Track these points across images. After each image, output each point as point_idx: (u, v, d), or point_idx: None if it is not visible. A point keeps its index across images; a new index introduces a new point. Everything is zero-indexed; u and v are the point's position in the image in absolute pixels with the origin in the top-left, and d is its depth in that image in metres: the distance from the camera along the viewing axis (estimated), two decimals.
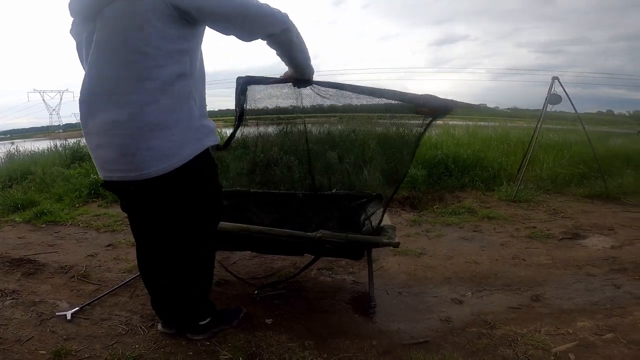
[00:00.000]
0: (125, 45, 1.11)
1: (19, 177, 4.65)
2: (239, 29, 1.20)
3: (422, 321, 1.66)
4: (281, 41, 1.28)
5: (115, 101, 1.14)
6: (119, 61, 1.13)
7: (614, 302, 1.77)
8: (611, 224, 2.89)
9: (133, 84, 1.12)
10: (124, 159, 1.17)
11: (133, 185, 1.20)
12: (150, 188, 1.22)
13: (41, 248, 2.62)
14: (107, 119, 1.15)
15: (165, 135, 1.16)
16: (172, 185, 1.22)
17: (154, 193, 1.25)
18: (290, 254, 2.02)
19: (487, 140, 5.06)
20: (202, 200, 1.35)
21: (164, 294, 1.50)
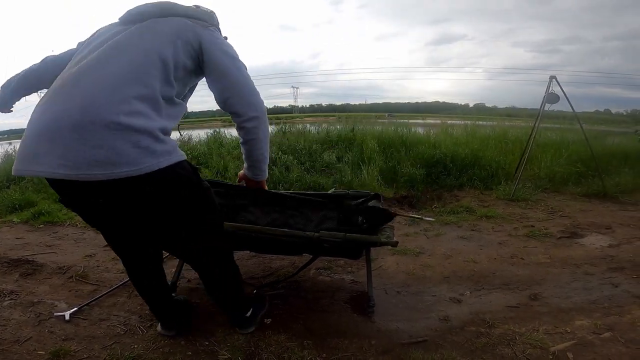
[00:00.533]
0: (152, 50, 1.16)
1: (17, 177, 4.63)
2: (228, 93, 1.28)
3: (420, 320, 1.66)
4: (251, 127, 1.32)
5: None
6: (139, 59, 1.15)
7: (612, 301, 1.78)
8: (609, 222, 2.90)
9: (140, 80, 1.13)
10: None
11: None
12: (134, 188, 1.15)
13: (39, 248, 2.61)
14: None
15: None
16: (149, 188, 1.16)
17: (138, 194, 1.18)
18: (289, 253, 2.02)
19: (485, 139, 5.06)
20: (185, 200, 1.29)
21: (161, 297, 1.50)
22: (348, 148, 4.87)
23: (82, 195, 1.15)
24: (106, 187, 1.08)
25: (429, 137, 5.22)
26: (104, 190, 1.10)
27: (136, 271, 1.45)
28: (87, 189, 1.09)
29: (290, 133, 5.93)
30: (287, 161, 4.37)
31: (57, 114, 1.07)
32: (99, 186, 1.07)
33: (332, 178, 4.01)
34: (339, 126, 6.23)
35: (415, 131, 5.66)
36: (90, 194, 1.12)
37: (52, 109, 1.09)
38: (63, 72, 1.20)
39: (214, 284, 1.48)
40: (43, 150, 1.06)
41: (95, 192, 1.11)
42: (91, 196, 1.14)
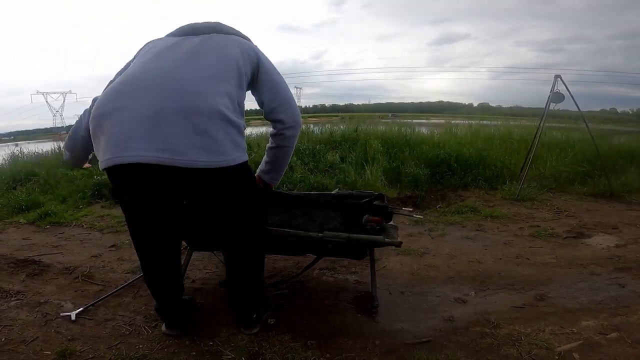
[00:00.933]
0: (229, 57, 1.31)
1: (23, 178, 4.67)
2: (277, 102, 1.41)
3: (425, 321, 1.65)
4: (290, 135, 1.45)
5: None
6: (212, 63, 1.27)
7: (619, 301, 1.76)
8: (615, 222, 2.88)
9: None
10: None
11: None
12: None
13: (45, 249, 2.64)
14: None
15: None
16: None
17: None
18: (292, 254, 2.02)
19: (489, 139, 5.04)
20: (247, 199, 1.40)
21: (173, 296, 1.51)
22: (351, 148, 4.87)
23: (158, 183, 1.20)
24: (193, 175, 1.16)
25: (432, 137, 5.21)
26: (189, 177, 1.17)
27: (157, 268, 1.44)
28: (171, 176, 1.15)
29: None
30: (291, 161, 4.37)
31: (159, 101, 1.15)
32: (186, 173, 1.14)
33: (336, 178, 4.01)
34: (343, 126, 6.22)
35: (419, 131, 5.65)
36: (171, 181, 1.19)
37: (149, 98, 1.16)
38: (134, 70, 1.29)
39: (246, 278, 1.50)
40: (141, 134, 1.13)
41: (178, 179, 1.18)
42: (170, 184, 1.20)
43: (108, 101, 1.23)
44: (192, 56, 1.28)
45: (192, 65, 1.24)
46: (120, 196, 1.32)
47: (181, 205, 1.34)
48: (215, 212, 1.37)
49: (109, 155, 1.16)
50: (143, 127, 1.14)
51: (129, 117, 1.16)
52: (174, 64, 1.25)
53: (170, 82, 1.19)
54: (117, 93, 1.23)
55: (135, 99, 1.18)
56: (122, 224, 3.11)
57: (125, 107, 1.18)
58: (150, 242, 1.40)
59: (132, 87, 1.23)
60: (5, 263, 2.37)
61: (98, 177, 4.12)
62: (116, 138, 1.16)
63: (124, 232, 2.94)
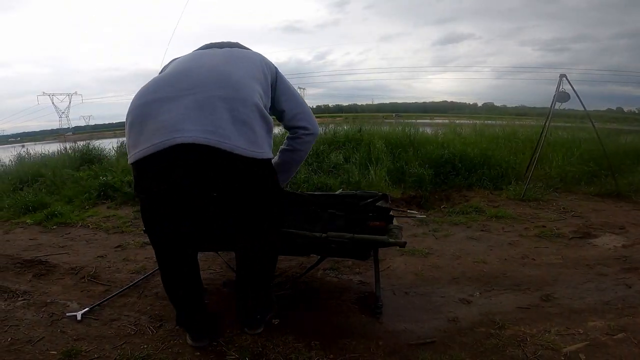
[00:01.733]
0: (257, 64, 1.43)
1: (30, 179, 4.72)
2: (297, 110, 1.51)
3: (429, 321, 1.65)
4: (308, 140, 1.54)
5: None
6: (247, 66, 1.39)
7: (626, 302, 1.74)
8: (622, 222, 2.85)
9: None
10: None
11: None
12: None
13: (52, 249, 2.66)
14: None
15: None
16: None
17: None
18: (296, 254, 2.02)
19: (494, 138, 5.01)
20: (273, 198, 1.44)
21: (196, 303, 1.48)
22: (355, 148, 4.86)
23: (204, 166, 1.22)
24: (233, 161, 1.21)
25: (437, 137, 5.19)
26: (229, 163, 1.22)
27: (183, 271, 1.43)
28: (216, 159, 1.20)
29: None
30: None
31: (205, 90, 1.24)
32: (228, 159, 1.20)
33: (340, 179, 4.01)
34: (346, 126, 6.22)
35: (423, 131, 5.63)
36: (214, 165, 1.22)
37: (197, 87, 1.24)
38: (175, 68, 1.37)
39: (258, 278, 1.51)
40: (192, 119, 1.19)
41: (220, 164, 1.22)
42: (212, 169, 1.23)
43: (153, 91, 1.29)
44: (227, 58, 1.40)
45: (231, 64, 1.36)
46: (159, 183, 1.27)
47: (211, 198, 1.32)
48: (241, 207, 1.37)
49: (161, 138, 1.18)
50: (193, 113, 1.20)
51: (178, 104, 1.22)
52: (214, 63, 1.36)
53: (214, 75, 1.29)
54: (161, 85, 1.31)
55: (182, 89, 1.25)
56: (127, 225, 3.14)
57: (174, 96, 1.24)
58: (176, 242, 1.38)
59: (176, 79, 1.31)
60: (12, 263, 2.40)
61: (103, 178, 4.15)
62: (168, 122, 1.19)
63: (129, 233, 2.96)
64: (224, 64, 1.35)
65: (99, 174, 4.41)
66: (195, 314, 1.48)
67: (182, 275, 1.44)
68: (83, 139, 9.15)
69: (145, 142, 1.20)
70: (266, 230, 1.44)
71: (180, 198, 1.29)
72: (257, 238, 1.44)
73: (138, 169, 1.26)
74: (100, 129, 53.15)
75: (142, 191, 1.32)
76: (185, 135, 1.17)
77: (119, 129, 38.29)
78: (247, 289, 1.53)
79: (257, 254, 1.47)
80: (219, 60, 1.38)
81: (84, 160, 5.36)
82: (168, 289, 1.47)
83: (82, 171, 4.72)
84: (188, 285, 1.45)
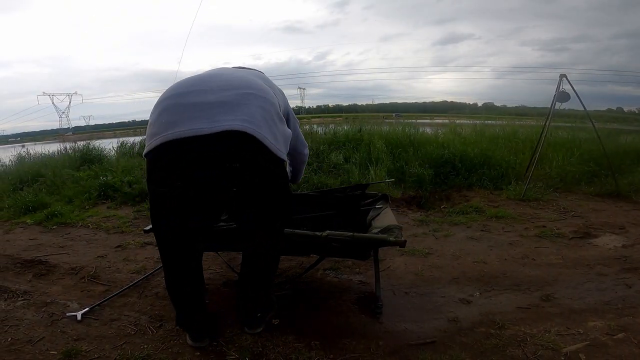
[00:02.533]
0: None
1: (30, 179, 4.72)
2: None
3: (429, 321, 1.65)
4: (300, 161, 1.81)
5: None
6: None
7: (626, 302, 1.74)
8: (622, 222, 2.85)
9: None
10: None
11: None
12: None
13: (52, 249, 2.66)
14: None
15: None
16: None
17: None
18: (296, 254, 2.02)
19: (494, 138, 5.00)
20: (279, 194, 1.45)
21: (197, 303, 1.48)
22: (355, 148, 4.86)
23: (238, 154, 1.25)
24: (259, 153, 1.26)
25: (437, 137, 5.18)
26: (257, 155, 1.26)
27: (182, 272, 1.43)
28: (248, 146, 1.23)
29: None
30: None
31: (231, 87, 1.31)
32: (257, 150, 1.25)
33: (340, 179, 4.01)
34: (346, 127, 6.22)
35: (423, 131, 5.63)
36: (244, 154, 1.25)
37: (221, 88, 1.31)
38: (191, 77, 1.42)
39: (261, 277, 1.52)
40: (224, 110, 1.25)
41: (251, 153, 1.26)
42: (240, 159, 1.25)
43: (187, 85, 1.36)
44: (241, 70, 1.51)
45: (249, 74, 1.46)
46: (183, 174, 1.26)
47: (230, 192, 1.32)
48: (260, 204, 1.38)
49: (201, 125, 1.20)
50: (228, 106, 1.26)
51: (214, 96, 1.28)
52: (230, 72, 1.46)
53: (237, 78, 1.39)
54: (192, 82, 1.37)
55: (214, 87, 1.32)
56: (127, 225, 3.14)
57: (208, 89, 1.31)
58: (174, 241, 1.38)
59: (206, 78, 1.38)
60: (12, 263, 2.40)
61: (103, 178, 4.15)
62: (207, 113, 1.23)
63: (129, 233, 2.96)
64: (241, 72, 1.47)
65: (99, 174, 4.41)
66: (195, 314, 1.48)
67: (186, 273, 1.43)
68: (83, 139, 9.16)
69: (182, 126, 1.21)
70: (278, 229, 1.48)
71: (196, 190, 1.29)
72: (270, 237, 1.46)
73: (165, 150, 1.24)
74: (100, 129, 53.12)
75: (160, 183, 1.30)
76: (224, 124, 1.21)
77: (119, 129, 38.04)
78: (248, 288, 1.53)
79: (266, 253, 1.49)
80: (234, 71, 1.49)
81: (84, 160, 5.36)
82: (170, 287, 1.47)
83: (82, 171, 4.72)
84: (190, 284, 1.45)
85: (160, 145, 1.22)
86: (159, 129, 1.25)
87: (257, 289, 1.53)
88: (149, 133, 1.29)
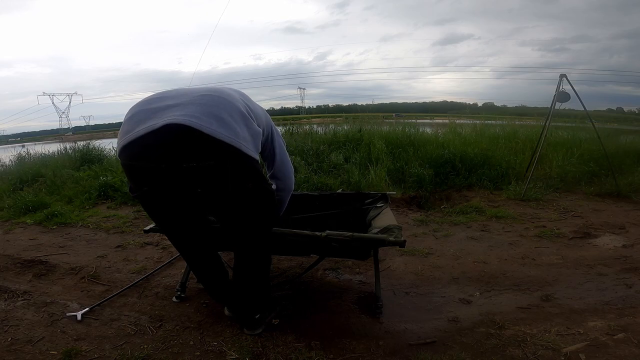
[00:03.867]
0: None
1: (30, 179, 4.72)
2: (273, 161, 1.64)
3: (429, 321, 1.65)
4: (284, 187, 1.72)
5: None
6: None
7: (626, 302, 1.74)
8: (622, 222, 2.85)
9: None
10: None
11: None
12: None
13: (52, 249, 2.66)
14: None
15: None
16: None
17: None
18: (296, 254, 2.02)
19: (494, 138, 5.00)
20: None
21: (223, 280, 1.62)
22: (355, 148, 4.86)
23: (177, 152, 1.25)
24: (211, 146, 1.25)
25: (437, 137, 5.18)
26: (207, 148, 1.25)
27: (201, 256, 1.58)
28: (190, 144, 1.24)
29: (297, 134, 5.94)
30: (295, 162, 4.38)
31: (198, 97, 1.34)
32: (207, 142, 1.24)
33: (340, 179, 4.01)
34: (346, 127, 6.22)
35: (424, 131, 5.63)
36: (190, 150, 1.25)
37: (186, 96, 1.35)
38: (161, 95, 1.43)
39: (252, 277, 1.55)
40: (178, 110, 1.27)
41: (195, 150, 1.25)
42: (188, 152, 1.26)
43: (147, 102, 1.38)
44: (214, 85, 1.52)
45: (220, 86, 1.47)
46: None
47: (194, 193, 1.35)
48: (223, 201, 1.39)
49: (150, 122, 1.25)
50: (179, 108, 1.27)
51: (168, 105, 1.31)
52: (203, 86, 1.47)
53: (201, 89, 1.40)
54: (155, 97, 1.41)
55: (173, 97, 1.36)
56: (127, 225, 3.14)
57: (165, 97, 1.37)
58: (185, 234, 1.51)
59: (169, 91, 1.43)
60: (12, 263, 2.40)
61: (103, 178, 4.15)
62: (160, 113, 1.28)
63: (129, 233, 2.96)
64: (215, 86, 1.47)
65: (99, 174, 4.41)
66: (220, 291, 1.63)
67: (201, 260, 1.58)
68: (83, 139, 9.14)
69: (137, 127, 1.26)
70: (255, 228, 1.48)
71: (162, 192, 1.34)
72: (248, 237, 1.48)
73: (129, 148, 1.28)
74: (100, 129, 53.12)
75: (132, 189, 1.39)
76: (170, 118, 1.22)
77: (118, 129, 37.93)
78: (240, 289, 1.55)
79: (248, 254, 1.52)
80: (209, 85, 1.52)
81: (84, 160, 5.36)
82: (194, 272, 1.69)
83: (82, 171, 4.72)
84: (208, 269, 1.59)
85: (121, 148, 1.28)
86: (120, 136, 1.32)
87: (248, 289, 1.54)
88: (117, 142, 1.34)
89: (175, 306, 1.82)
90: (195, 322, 1.67)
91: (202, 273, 1.63)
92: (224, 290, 1.62)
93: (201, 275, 1.66)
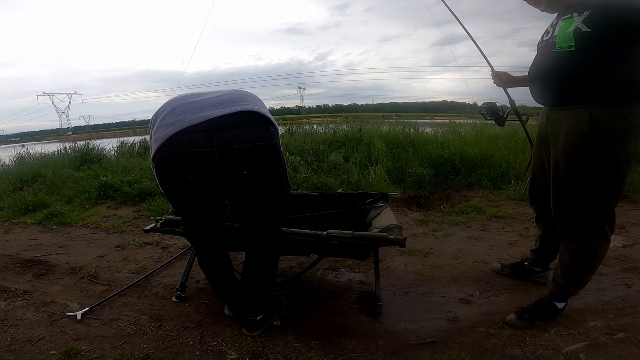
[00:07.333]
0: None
1: (30, 179, 4.72)
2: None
3: (429, 321, 1.65)
4: None
5: None
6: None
7: (626, 302, 1.74)
8: (622, 222, 2.84)
9: None
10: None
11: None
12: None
13: (52, 249, 2.66)
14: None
15: None
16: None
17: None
18: (296, 254, 2.02)
19: (494, 138, 5.00)
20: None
21: (230, 278, 1.61)
22: (355, 148, 4.86)
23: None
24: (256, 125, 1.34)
25: (437, 137, 5.18)
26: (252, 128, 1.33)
27: (213, 252, 1.57)
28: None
29: (298, 134, 5.94)
30: (295, 162, 4.38)
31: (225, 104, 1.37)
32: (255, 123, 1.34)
33: (340, 179, 4.01)
34: (346, 127, 6.22)
35: (423, 131, 5.63)
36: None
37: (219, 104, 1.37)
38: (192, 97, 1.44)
39: (261, 278, 1.55)
40: (221, 106, 1.34)
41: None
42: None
43: (182, 99, 1.41)
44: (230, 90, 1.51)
45: (234, 89, 1.48)
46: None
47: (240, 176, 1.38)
48: (262, 190, 1.41)
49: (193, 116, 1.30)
50: (223, 103, 1.35)
51: (210, 97, 1.39)
52: (218, 91, 1.49)
53: (224, 92, 1.44)
54: (188, 97, 1.43)
55: (204, 100, 1.38)
56: (127, 225, 3.14)
57: (199, 94, 1.44)
58: (205, 227, 1.53)
59: (192, 94, 1.47)
60: (12, 263, 2.40)
61: (103, 178, 4.15)
62: (213, 107, 1.34)
63: (129, 233, 2.96)
64: (231, 90, 1.48)
65: (99, 174, 4.41)
66: (225, 289, 1.61)
67: (212, 253, 1.57)
68: (83, 139, 9.15)
69: (191, 115, 1.31)
70: (272, 230, 1.52)
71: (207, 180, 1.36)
72: (262, 237, 1.52)
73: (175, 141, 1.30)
74: (100, 129, 53.09)
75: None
76: (241, 107, 1.33)
77: (119, 129, 37.97)
78: (247, 290, 1.55)
79: (260, 254, 1.53)
80: (224, 90, 1.50)
81: (84, 160, 5.36)
82: (203, 269, 1.65)
83: (82, 171, 4.72)
84: (218, 262, 1.58)
85: (168, 138, 1.29)
86: (163, 128, 1.32)
87: (255, 289, 1.55)
88: (156, 138, 1.34)
89: (175, 306, 1.82)
90: (195, 322, 1.67)
91: (212, 269, 1.59)
92: (230, 288, 1.61)
93: (210, 272, 1.61)
